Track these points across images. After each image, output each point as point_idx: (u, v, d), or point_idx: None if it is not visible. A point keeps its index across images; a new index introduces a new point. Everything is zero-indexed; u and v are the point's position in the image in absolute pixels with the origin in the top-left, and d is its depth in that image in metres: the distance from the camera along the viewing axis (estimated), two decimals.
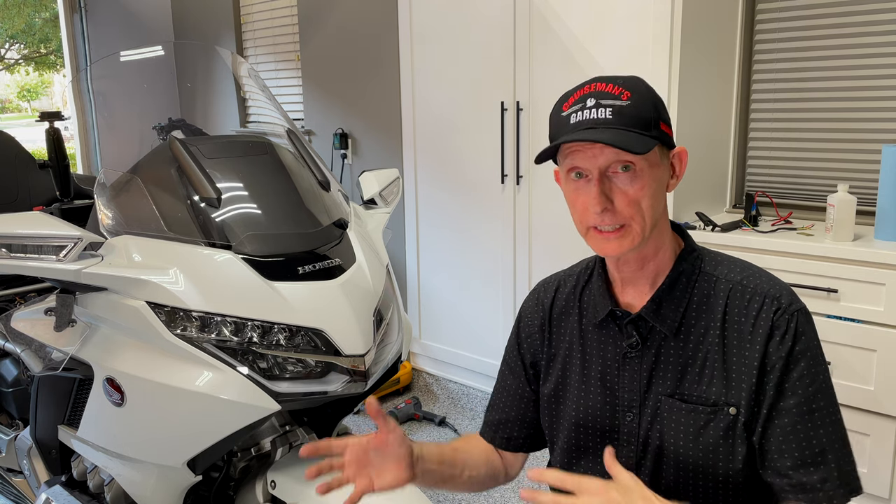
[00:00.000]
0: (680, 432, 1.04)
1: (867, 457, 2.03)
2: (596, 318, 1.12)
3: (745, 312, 1.02)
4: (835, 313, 2.03)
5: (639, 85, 1.00)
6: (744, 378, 1.01)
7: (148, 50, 1.93)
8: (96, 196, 1.45)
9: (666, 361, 1.05)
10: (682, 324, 1.05)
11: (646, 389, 1.07)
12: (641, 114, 0.98)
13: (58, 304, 1.42)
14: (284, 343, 1.31)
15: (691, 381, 1.04)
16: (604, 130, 0.96)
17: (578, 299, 1.16)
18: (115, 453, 1.42)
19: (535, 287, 1.26)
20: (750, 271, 1.06)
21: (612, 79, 1.00)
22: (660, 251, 1.06)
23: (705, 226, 2.31)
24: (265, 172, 1.53)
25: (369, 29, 3.50)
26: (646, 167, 0.98)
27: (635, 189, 0.98)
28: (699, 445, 1.03)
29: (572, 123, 0.99)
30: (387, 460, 1.06)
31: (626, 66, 2.40)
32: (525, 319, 1.24)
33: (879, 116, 2.33)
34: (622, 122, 0.97)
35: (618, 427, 1.09)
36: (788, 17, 2.47)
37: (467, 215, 3.00)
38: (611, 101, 0.98)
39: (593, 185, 0.99)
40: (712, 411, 1.02)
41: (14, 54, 16.42)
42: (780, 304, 1.00)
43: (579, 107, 0.99)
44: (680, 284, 1.06)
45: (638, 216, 0.99)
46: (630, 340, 1.08)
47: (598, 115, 0.97)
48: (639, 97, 0.98)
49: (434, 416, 3.00)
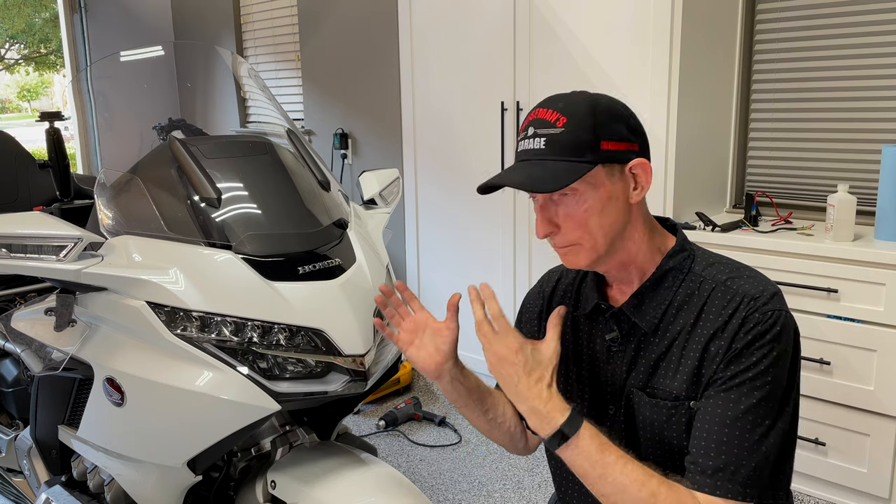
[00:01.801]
0: (647, 425, 1.06)
1: (867, 457, 2.03)
2: (585, 310, 1.15)
3: (721, 312, 1.01)
4: (835, 313, 2.03)
5: (578, 107, 1.00)
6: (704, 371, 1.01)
7: (148, 50, 1.93)
8: (96, 196, 1.45)
9: (644, 357, 1.07)
10: (661, 321, 1.06)
11: (623, 383, 1.09)
12: (574, 140, 0.99)
13: (58, 304, 1.42)
14: (284, 343, 1.31)
15: (661, 377, 1.05)
16: (529, 165, 1.00)
17: (576, 290, 1.19)
18: (115, 453, 1.42)
19: (541, 277, 1.29)
20: (738, 273, 1.05)
21: (555, 102, 1.02)
22: (638, 254, 1.07)
23: (705, 226, 2.31)
24: (265, 172, 1.53)
25: (369, 29, 3.50)
26: (588, 189, 1.00)
27: (580, 212, 1.01)
28: (664, 439, 1.05)
29: (518, 152, 1.05)
30: (432, 343, 1.13)
31: (626, 66, 2.40)
32: (526, 306, 1.28)
33: (879, 116, 2.33)
34: (553, 152, 0.99)
35: (602, 420, 1.12)
36: (788, 17, 2.47)
37: (467, 215, 3.00)
38: (546, 129, 1.00)
39: (539, 212, 1.04)
40: (674, 405, 1.03)
41: (14, 54, 16.43)
42: (757, 304, 1.00)
43: (524, 135, 1.04)
44: (665, 283, 1.06)
45: (587, 236, 1.02)
46: (611, 334, 1.10)
47: (533, 146, 1.01)
48: (574, 122, 0.99)
49: (434, 416, 3.00)
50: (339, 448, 1.49)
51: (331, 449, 1.48)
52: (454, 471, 2.64)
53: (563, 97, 1.03)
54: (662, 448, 1.05)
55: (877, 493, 2.03)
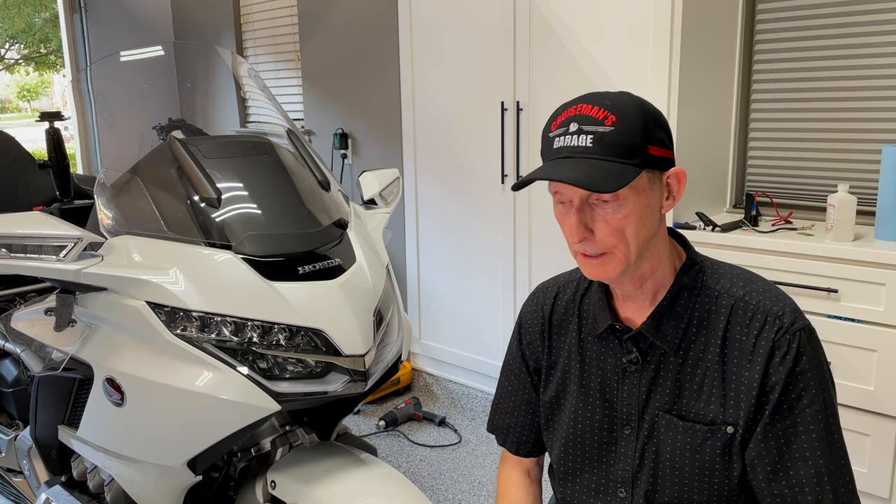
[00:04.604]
0: (676, 449, 1.03)
1: (867, 457, 2.03)
2: (596, 331, 1.10)
3: (746, 331, 1.00)
4: (835, 313, 2.03)
5: (627, 107, 0.95)
6: (742, 398, 0.99)
7: (148, 50, 1.93)
8: (96, 196, 1.45)
9: (665, 377, 1.04)
10: (682, 340, 1.03)
11: (644, 404, 1.05)
12: (625, 141, 0.93)
13: (58, 304, 1.42)
14: (284, 343, 1.31)
15: (689, 398, 1.02)
16: (578, 164, 0.93)
17: (578, 308, 1.15)
18: (115, 453, 1.42)
19: (534, 291, 1.24)
20: (753, 285, 1.03)
21: (600, 100, 0.96)
22: (658, 269, 1.04)
23: (705, 226, 2.31)
24: (265, 172, 1.53)
25: (369, 29, 3.50)
26: (631, 195, 0.95)
27: (618, 218, 0.95)
28: (695, 463, 1.01)
29: (555, 148, 0.97)
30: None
31: (626, 65, 2.40)
32: (526, 325, 1.22)
33: (879, 116, 2.33)
34: (602, 152, 0.93)
35: (615, 440, 1.09)
36: (788, 17, 2.47)
37: (467, 215, 3.00)
38: (593, 126, 0.94)
39: (573, 216, 0.97)
40: (710, 430, 1.01)
41: (14, 54, 16.42)
42: (783, 324, 0.98)
43: (563, 130, 0.96)
44: (681, 300, 1.03)
45: (621, 244, 0.97)
46: (630, 356, 1.06)
47: (579, 143, 0.94)
48: (624, 122, 0.94)
49: (434, 416, 3.00)
50: (339, 448, 1.49)
51: (331, 449, 1.48)
52: (454, 471, 2.64)
53: (608, 95, 0.97)
54: (685, 472, 1.02)
55: (877, 493, 2.03)
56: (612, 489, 1.09)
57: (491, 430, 1.29)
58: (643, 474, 1.05)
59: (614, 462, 1.09)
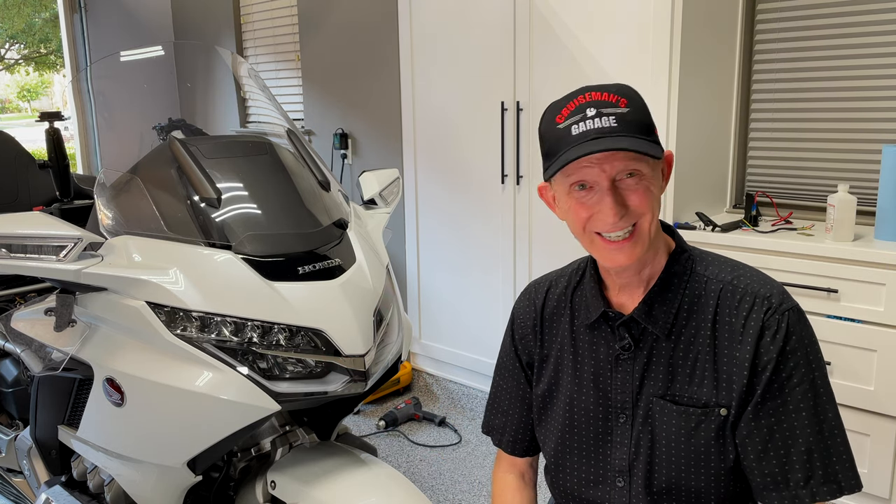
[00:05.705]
0: (672, 434, 1.04)
1: (867, 457, 2.03)
2: (588, 320, 1.11)
3: (735, 313, 1.01)
4: (835, 313, 2.03)
5: (630, 92, 1.00)
6: (734, 379, 1.00)
7: (148, 50, 1.93)
8: (96, 196, 1.45)
9: (658, 363, 1.05)
10: (673, 325, 1.04)
11: (638, 391, 1.06)
12: (642, 119, 0.98)
13: (58, 304, 1.42)
14: (284, 343, 1.31)
15: (682, 383, 1.04)
16: (618, 138, 0.94)
17: (570, 300, 1.16)
18: (115, 453, 1.42)
19: (526, 287, 1.25)
20: (740, 271, 1.05)
21: (604, 87, 0.99)
22: (657, 255, 1.07)
23: (705, 226, 2.31)
24: (265, 172, 1.53)
25: (369, 29, 3.50)
26: (649, 171, 0.98)
27: (644, 187, 0.98)
28: (691, 447, 1.03)
29: (575, 135, 0.96)
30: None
31: (626, 65, 2.40)
32: (518, 320, 1.23)
33: (879, 116, 2.33)
34: (628, 129, 0.95)
35: (610, 430, 1.09)
36: (788, 17, 2.47)
37: (467, 215, 3.00)
38: (611, 108, 0.96)
39: (606, 195, 0.97)
40: (703, 412, 1.02)
41: (14, 54, 16.42)
42: (771, 304, 1.00)
43: (579, 117, 0.97)
44: (672, 286, 1.05)
45: (649, 213, 0.99)
46: (623, 342, 1.07)
47: (603, 124, 0.95)
48: (634, 104, 0.98)
49: (434, 416, 3.00)
50: (339, 448, 1.49)
51: (331, 449, 1.48)
52: (454, 471, 2.64)
53: (605, 85, 1.01)
54: (681, 457, 1.03)
55: (877, 493, 2.03)
56: (609, 479, 1.10)
57: (487, 432, 1.29)
58: (639, 462, 1.06)
59: (610, 452, 1.09)
